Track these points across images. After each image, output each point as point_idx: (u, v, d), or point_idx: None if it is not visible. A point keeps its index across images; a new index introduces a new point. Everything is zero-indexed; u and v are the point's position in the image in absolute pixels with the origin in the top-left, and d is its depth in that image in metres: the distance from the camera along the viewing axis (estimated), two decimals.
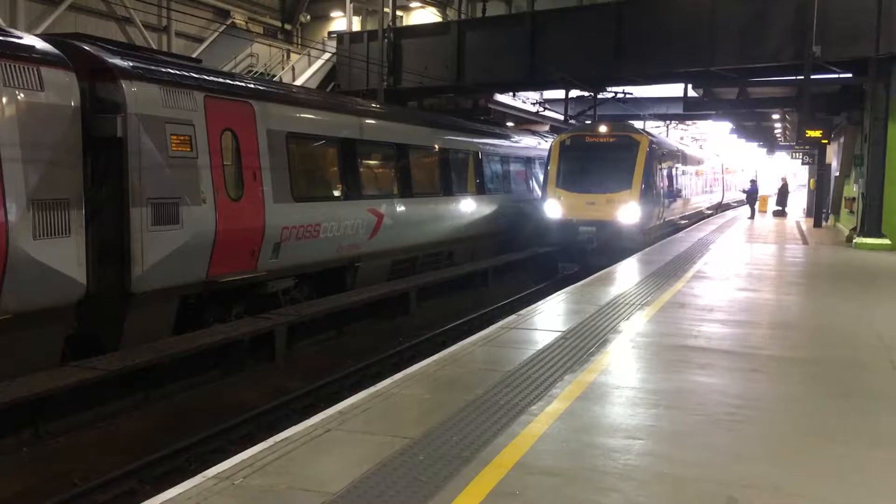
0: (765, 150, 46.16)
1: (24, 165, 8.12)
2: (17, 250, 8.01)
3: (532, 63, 21.79)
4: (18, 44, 8.40)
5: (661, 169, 21.86)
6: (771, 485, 4.45)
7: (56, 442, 8.09)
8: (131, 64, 9.79)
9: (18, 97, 8.12)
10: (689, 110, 28.03)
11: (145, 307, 9.80)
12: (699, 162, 32.09)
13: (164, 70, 10.28)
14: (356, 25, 29.04)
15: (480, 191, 20.01)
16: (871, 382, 6.79)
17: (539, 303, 10.76)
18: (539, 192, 22.43)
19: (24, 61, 8.23)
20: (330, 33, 30.86)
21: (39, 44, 8.73)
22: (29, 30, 19.16)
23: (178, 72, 10.54)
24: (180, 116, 10.21)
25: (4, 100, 7.96)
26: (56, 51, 8.81)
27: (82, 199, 8.87)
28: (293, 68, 28.44)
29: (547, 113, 32.08)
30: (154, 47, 24.55)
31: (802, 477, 4.61)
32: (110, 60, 9.57)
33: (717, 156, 42.59)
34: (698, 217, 31.61)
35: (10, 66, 8.05)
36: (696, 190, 30.44)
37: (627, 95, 27.03)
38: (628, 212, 19.34)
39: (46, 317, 8.60)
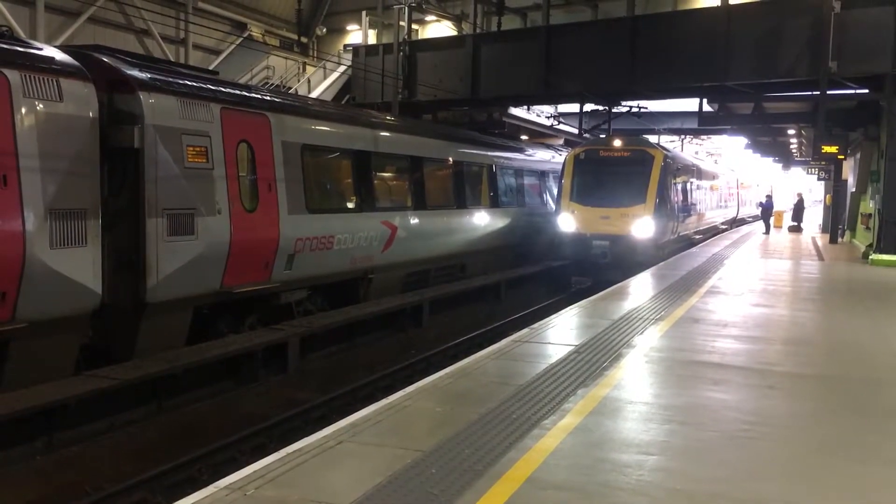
0: (780, 165, 46.00)
1: (42, 175, 8.20)
2: (33, 259, 8.07)
3: (546, 77, 21.80)
4: (38, 55, 8.50)
5: (675, 183, 21.80)
6: (785, 503, 4.40)
7: (69, 451, 8.13)
8: (149, 75, 9.88)
9: (38, 108, 8.21)
10: (703, 125, 27.94)
11: (159, 317, 9.85)
12: (714, 177, 32.00)
13: (181, 82, 10.37)
14: (371, 38, 29.15)
15: (494, 204, 20.02)
16: (888, 400, 6.73)
17: (552, 317, 10.73)
18: (553, 206, 22.43)
19: (43, 72, 8.33)
20: (346, 46, 31.01)
21: (59, 55, 8.83)
22: (48, 41, 19.38)
23: (195, 83, 10.63)
24: (197, 128, 10.29)
25: (24, 110, 8.05)
26: (75, 62, 8.91)
27: (99, 209, 8.95)
28: (309, 81, 28.57)
29: (561, 127, 32.09)
30: (172, 59, 24.76)
31: (817, 495, 4.57)
32: (128, 72, 9.66)
33: (731, 171, 42.47)
34: (713, 232, 31.48)
35: (29, 77, 8.15)
36: (710, 205, 30.34)
37: (642, 109, 27.00)
38: (642, 226, 19.28)
39: (61, 326, 8.65)
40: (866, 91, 19.26)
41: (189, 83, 10.52)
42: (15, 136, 7.94)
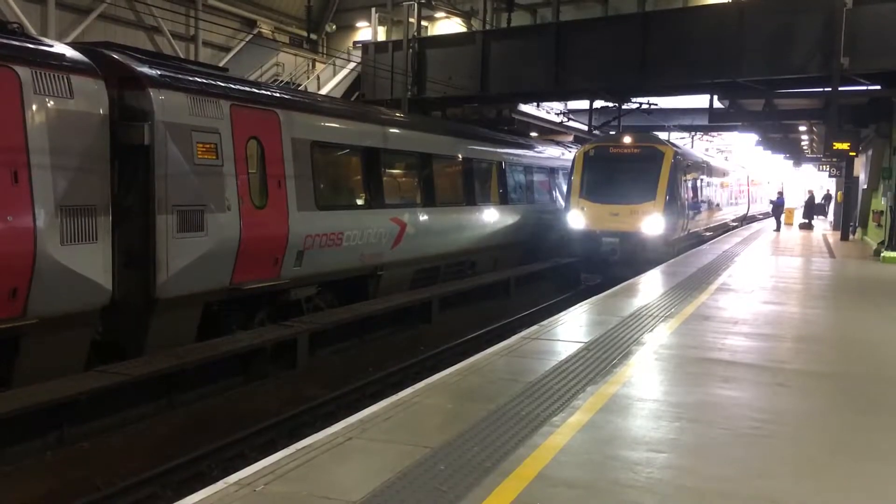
0: (791, 162, 45.77)
1: (52, 172, 8.23)
2: (44, 255, 8.10)
3: (556, 73, 21.74)
4: (49, 52, 8.53)
5: (685, 180, 21.72)
6: (796, 501, 4.38)
7: (80, 446, 8.16)
8: (159, 72, 9.90)
9: (48, 104, 8.23)
10: (714, 121, 27.79)
11: (169, 313, 9.88)
12: (724, 173, 31.88)
13: (191, 79, 10.39)
14: (381, 35, 29.17)
15: (503, 201, 20.00)
16: None
17: (561, 314, 10.72)
18: (562, 203, 22.39)
19: (54, 69, 8.36)
20: (355, 43, 31.04)
21: (69, 52, 8.86)
22: (60, 38, 19.46)
23: (204, 80, 10.65)
24: (206, 124, 10.31)
25: (35, 107, 8.08)
26: (86, 59, 8.93)
27: (109, 205, 8.97)
28: (318, 77, 28.61)
29: (571, 123, 32.00)
30: (182, 56, 24.82)
31: (828, 493, 4.55)
32: (138, 69, 9.68)
33: (742, 167, 42.30)
34: (723, 229, 31.38)
35: (40, 73, 8.17)
36: (721, 202, 30.24)
37: (652, 106, 26.91)
38: (652, 223, 19.22)
39: (72, 322, 8.69)
40: (878, 87, 19.12)
41: (199, 80, 10.54)
42: (26, 132, 7.97)
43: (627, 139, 20.68)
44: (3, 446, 7.54)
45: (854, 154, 24.15)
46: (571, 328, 9.62)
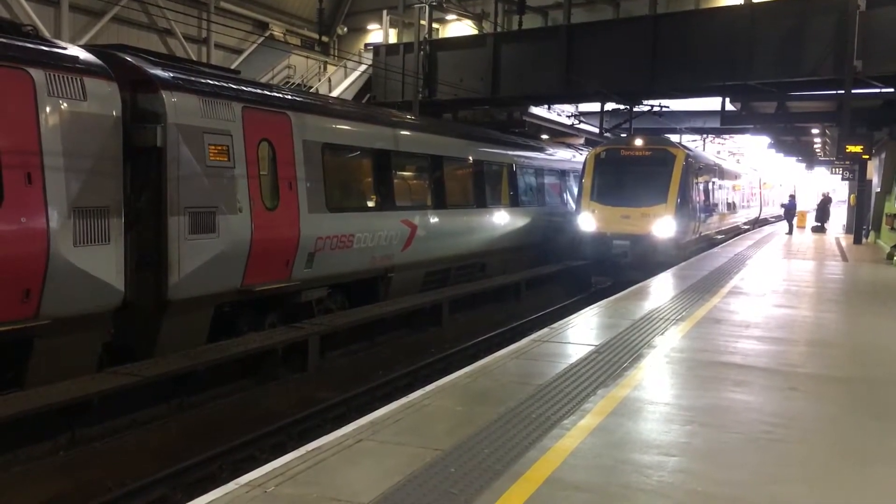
0: (804, 165, 45.56)
1: (66, 173, 8.27)
2: (57, 257, 8.15)
3: (567, 76, 21.71)
4: (63, 54, 8.58)
5: (697, 183, 21.65)
6: None
7: (91, 447, 8.20)
8: (171, 75, 9.94)
9: (62, 106, 8.28)
10: (726, 124, 27.71)
11: (181, 315, 9.91)
12: (736, 176, 31.77)
13: (203, 81, 10.43)
14: (392, 38, 29.20)
15: (514, 203, 19.98)
16: None
17: (572, 316, 10.69)
18: (573, 205, 22.36)
19: (67, 71, 8.40)
20: (366, 45, 31.09)
21: (83, 55, 8.91)
22: (73, 41, 19.56)
23: (216, 83, 10.69)
24: (218, 127, 10.34)
25: (48, 109, 8.13)
26: (99, 61, 8.98)
27: (122, 207, 9.01)
28: (330, 80, 28.67)
29: (582, 126, 31.96)
30: (194, 58, 24.93)
31: (840, 499, 4.52)
32: (151, 71, 9.73)
33: (754, 170, 42.14)
34: (735, 232, 31.25)
35: (54, 75, 8.22)
36: (732, 204, 30.12)
37: (664, 109, 26.85)
38: (663, 226, 19.17)
39: (85, 323, 8.73)
40: (892, 90, 19.02)
41: (211, 82, 10.57)
42: (39, 134, 8.02)
43: (639, 142, 20.63)
44: (16, 446, 7.58)
45: (867, 157, 24.01)
46: (582, 331, 9.60)
